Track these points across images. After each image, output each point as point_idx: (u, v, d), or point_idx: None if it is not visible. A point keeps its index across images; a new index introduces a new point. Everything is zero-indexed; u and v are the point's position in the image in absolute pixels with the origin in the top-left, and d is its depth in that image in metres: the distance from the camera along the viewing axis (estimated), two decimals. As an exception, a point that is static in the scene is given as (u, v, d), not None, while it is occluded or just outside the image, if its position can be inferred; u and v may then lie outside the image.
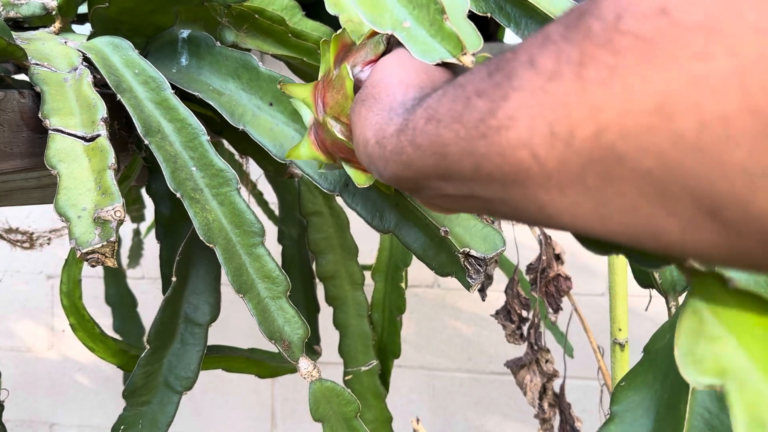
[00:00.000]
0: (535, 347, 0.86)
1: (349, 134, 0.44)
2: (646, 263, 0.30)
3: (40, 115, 0.46)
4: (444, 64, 0.40)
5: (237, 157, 0.99)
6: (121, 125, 0.56)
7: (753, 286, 0.25)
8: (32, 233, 1.08)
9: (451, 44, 0.40)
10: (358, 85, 0.43)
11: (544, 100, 0.22)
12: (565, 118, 0.22)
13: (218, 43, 0.57)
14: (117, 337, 1.05)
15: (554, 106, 0.22)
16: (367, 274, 0.82)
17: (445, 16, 0.41)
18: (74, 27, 0.67)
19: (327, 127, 0.44)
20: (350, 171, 0.46)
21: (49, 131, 0.46)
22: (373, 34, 0.44)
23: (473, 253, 0.47)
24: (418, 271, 0.53)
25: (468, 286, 0.48)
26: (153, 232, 1.12)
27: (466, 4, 0.44)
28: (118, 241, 0.44)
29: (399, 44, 0.43)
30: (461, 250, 0.47)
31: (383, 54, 0.42)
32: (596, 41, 0.21)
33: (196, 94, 0.54)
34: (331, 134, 0.44)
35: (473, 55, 0.41)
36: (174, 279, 0.59)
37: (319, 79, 0.47)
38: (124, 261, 1.28)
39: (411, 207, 0.49)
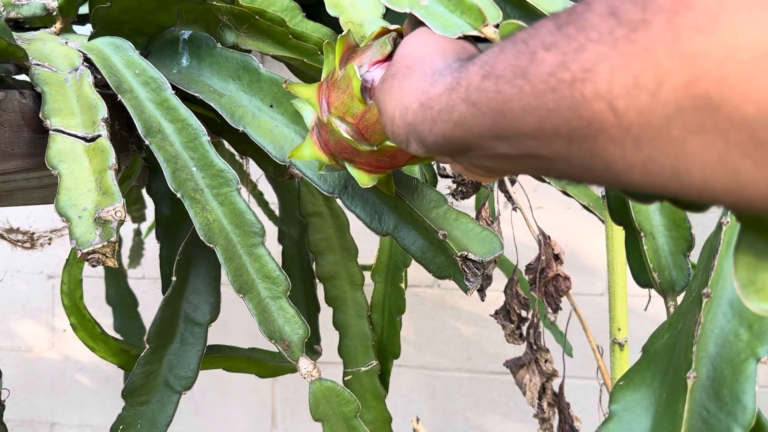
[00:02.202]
0: (535, 347, 0.87)
1: (355, 134, 0.44)
2: (691, 208, 0.31)
3: (40, 116, 0.47)
4: (466, 38, 0.40)
5: (237, 157, 0.99)
6: (121, 126, 0.57)
7: None
8: (33, 233, 1.09)
9: (472, 17, 0.40)
10: (365, 85, 0.43)
11: (629, 50, 0.22)
12: (653, 67, 0.21)
13: (219, 45, 0.57)
14: (118, 336, 1.05)
15: (641, 55, 0.22)
16: (367, 274, 0.82)
17: None
18: (75, 27, 0.67)
19: (332, 126, 0.44)
20: (353, 171, 0.46)
21: (50, 131, 0.46)
22: (380, 34, 0.45)
23: (471, 256, 0.48)
24: (417, 271, 0.53)
25: (465, 289, 0.48)
26: (154, 232, 1.12)
27: None
28: (119, 241, 0.44)
29: (416, 26, 0.43)
30: (459, 254, 0.47)
31: (390, 54, 0.43)
32: None
33: (196, 95, 0.54)
34: (336, 134, 0.44)
35: (495, 26, 0.41)
36: (174, 279, 0.59)
37: (322, 80, 0.47)
38: (125, 261, 1.28)
39: (409, 210, 0.50)
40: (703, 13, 0.20)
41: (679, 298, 0.51)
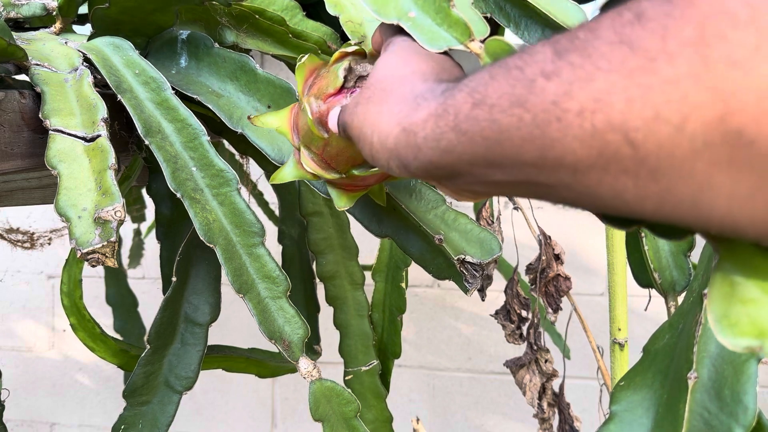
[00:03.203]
0: (535, 347, 0.87)
1: (322, 163, 0.44)
2: (672, 235, 0.30)
3: (40, 116, 0.47)
4: (447, 55, 0.40)
5: (237, 157, 0.99)
6: (121, 125, 0.57)
7: None
8: (33, 233, 1.08)
9: (459, 31, 0.40)
10: (321, 120, 0.43)
11: (648, 81, 0.21)
12: (678, 101, 0.21)
13: (216, 45, 0.57)
14: (117, 337, 1.05)
15: (663, 88, 0.21)
16: (368, 274, 0.82)
17: (451, 2, 0.40)
18: (75, 27, 0.67)
19: (302, 156, 0.45)
20: (332, 192, 0.46)
21: (50, 131, 0.46)
22: (338, 59, 0.44)
23: (469, 258, 0.47)
24: (418, 271, 0.53)
25: (465, 290, 0.48)
26: (154, 232, 1.12)
27: None
28: (119, 241, 0.44)
29: (388, 35, 0.42)
30: (456, 258, 0.47)
31: (341, 87, 0.42)
32: (729, 19, 0.20)
33: (194, 96, 0.54)
34: (305, 163, 0.45)
35: (481, 41, 0.40)
36: (174, 279, 0.59)
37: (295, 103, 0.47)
38: (125, 261, 1.28)
39: (407, 212, 0.50)
40: (738, 47, 0.19)
41: (680, 299, 0.51)
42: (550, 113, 0.24)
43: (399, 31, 0.41)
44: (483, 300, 0.91)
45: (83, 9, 0.64)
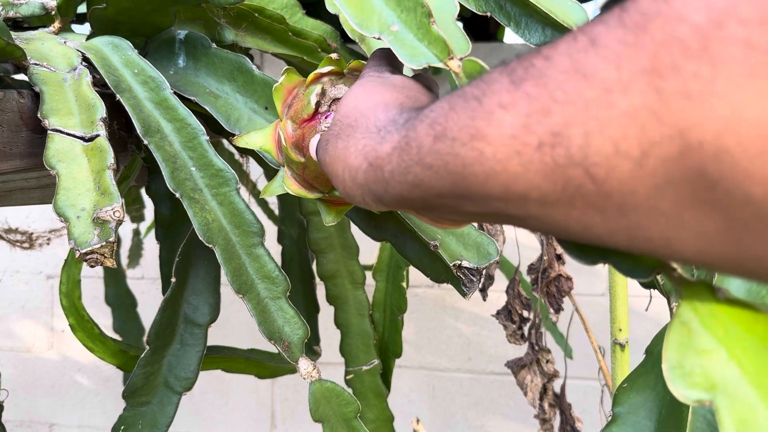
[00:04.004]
0: (536, 347, 0.86)
1: (304, 182, 0.45)
2: (636, 273, 0.29)
3: (39, 115, 0.46)
4: (416, 81, 0.39)
5: (237, 156, 0.99)
6: (120, 125, 0.56)
7: (744, 295, 0.24)
8: (32, 233, 1.08)
9: (438, 48, 0.39)
10: (297, 144, 0.43)
11: (604, 114, 0.20)
12: (636, 135, 0.19)
13: (214, 45, 0.57)
14: (116, 337, 1.05)
15: (620, 121, 0.20)
16: (368, 273, 0.81)
17: (431, 19, 0.40)
18: (74, 27, 0.67)
19: (285, 176, 0.45)
20: (319, 206, 0.46)
21: (48, 131, 0.46)
22: (313, 80, 0.44)
23: (465, 264, 0.47)
24: (418, 271, 0.53)
25: (464, 294, 0.48)
26: (153, 232, 1.12)
27: (455, 8, 0.44)
28: (118, 241, 0.44)
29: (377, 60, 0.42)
30: (453, 263, 0.47)
31: (314, 113, 0.42)
32: (681, 48, 0.18)
33: (192, 98, 0.54)
34: (287, 183, 0.45)
35: (460, 59, 0.40)
36: (174, 279, 0.59)
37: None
38: (124, 261, 1.28)
39: (403, 218, 0.49)
40: (692, 79, 0.18)
41: (682, 299, 0.51)
42: (510, 147, 0.23)
43: (376, 65, 0.41)
44: (484, 300, 0.91)
45: (82, 8, 0.64)
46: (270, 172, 0.72)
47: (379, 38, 0.41)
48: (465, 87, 0.26)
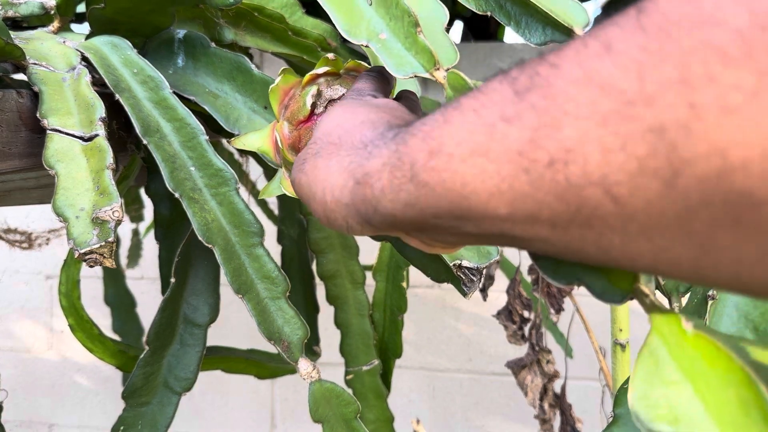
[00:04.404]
0: (537, 348, 0.86)
1: None
2: (609, 297, 0.28)
3: (38, 115, 0.46)
4: (402, 99, 0.38)
5: (236, 156, 0.99)
6: (119, 125, 0.56)
7: (707, 331, 0.24)
8: (31, 233, 1.08)
9: (425, 58, 0.39)
10: (293, 146, 0.43)
11: (626, 129, 0.18)
12: (666, 152, 0.17)
13: (213, 44, 0.56)
14: (116, 337, 1.05)
15: (645, 137, 0.18)
16: (368, 273, 0.81)
17: (418, 29, 0.40)
18: (73, 26, 0.66)
19: (282, 176, 0.45)
20: None
21: (48, 131, 0.45)
22: (309, 81, 0.44)
23: (465, 263, 0.47)
24: (418, 271, 0.53)
25: (464, 294, 0.48)
26: (152, 232, 1.12)
27: (444, 16, 0.44)
28: (117, 241, 0.44)
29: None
30: (453, 263, 0.47)
31: (311, 114, 0.42)
32: (718, 56, 0.16)
33: (191, 98, 0.54)
34: (286, 185, 0.45)
35: (446, 70, 0.39)
36: (173, 279, 0.59)
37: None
38: (123, 261, 1.28)
39: None
40: (733, 91, 0.16)
41: (684, 300, 0.51)
42: (516, 164, 0.21)
43: (357, 90, 0.39)
44: (485, 300, 0.91)
45: (81, 8, 0.64)
46: (269, 172, 0.72)
47: (366, 46, 0.40)
48: (461, 98, 0.23)
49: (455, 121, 0.23)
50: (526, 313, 0.87)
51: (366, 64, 0.44)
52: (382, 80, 0.41)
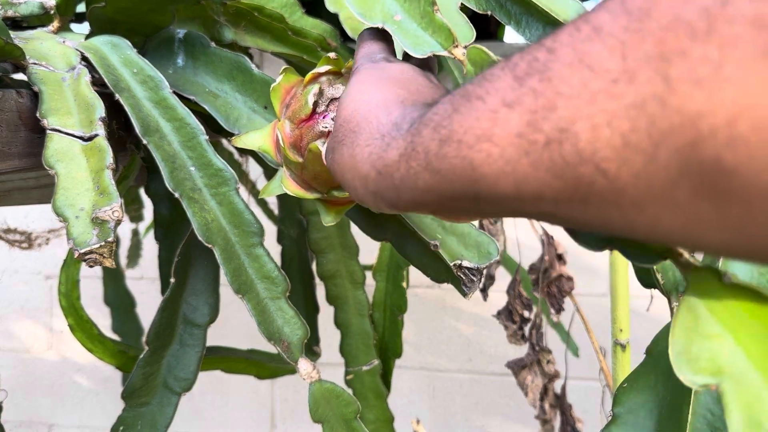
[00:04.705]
0: (537, 348, 0.86)
1: (302, 183, 0.44)
2: (643, 260, 0.29)
3: (38, 115, 0.46)
4: (414, 66, 0.39)
5: (236, 156, 0.99)
6: (119, 125, 0.56)
7: (750, 280, 0.24)
8: (31, 233, 1.08)
9: (443, 36, 0.40)
10: (295, 145, 0.43)
11: (611, 106, 0.19)
12: (645, 126, 0.18)
13: (213, 44, 0.56)
14: (116, 337, 1.05)
15: (627, 112, 0.19)
16: (368, 273, 0.81)
17: (435, 7, 0.40)
18: (73, 26, 0.66)
19: (283, 176, 0.45)
20: (318, 207, 0.46)
21: (47, 131, 0.45)
22: (311, 79, 0.44)
23: (466, 264, 0.47)
24: (418, 271, 0.53)
25: (464, 294, 0.48)
26: (152, 232, 1.12)
27: None
28: (117, 241, 0.44)
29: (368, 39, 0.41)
30: (453, 263, 0.47)
31: (312, 113, 0.42)
32: (687, 31, 0.17)
33: (191, 97, 0.54)
34: (286, 184, 0.45)
35: (465, 47, 0.40)
36: (173, 279, 0.59)
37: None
38: (123, 261, 1.28)
39: (403, 217, 0.49)
40: (700, 63, 0.17)
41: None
42: (518, 147, 0.22)
43: (368, 53, 0.40)
44: (485, 300, 0.90)
45: (81, 8, 0.64)
46: (269, 172, 0.72)
47: (382, 28, 0.41)
48: (467, 86, 0.25)
49: (463, 109, 0.24)
50: (526, 313, 0.87)
51: None
52: (387, 35, 0.42)
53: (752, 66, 0.16)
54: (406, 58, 0.43)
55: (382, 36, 0.42)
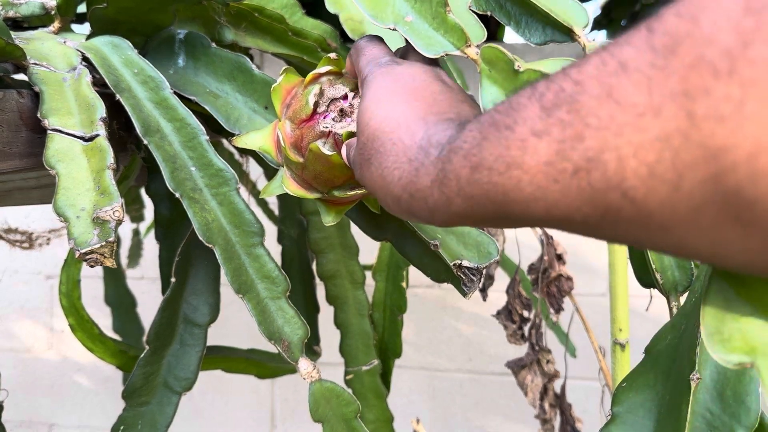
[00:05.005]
0: (537, 348, 0.86)
1: (303, 182, 0.45)
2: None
3: (38, 115, 0.46)
4: (425, 66, 0.39)
5: (236, 156, 0.99)
6: (120, 125, 0.56)
7: None
8: (31, 233, 1.08)
9: (455, 36, 0.40)
10: (296, 145, 0.43)
11: (638, 138, 0.20)
12: (671, 158, 0.20)
13: (213, 44, 0.57)
14: (116, 337, 1.05)
15: (653, 145, 0.20)
16: (368, 273, 0.81)
17: (447, 8, 0.40)
18: (73, 26, 0.66)
19: (284, 176, 0.45)
20: (319, 206, 0.46)
21: (48, 131, 0.45)
22: (311, 80, 0.44)
23: (465, 263, 0.47)
24: (418, 271, 0.53)
25: (464, 294, 0.48)
26: (152, 232, 1.12)
27: None
28: (117, 241, 0.44)
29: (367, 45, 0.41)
30: (453, 263, 0.47)
31: (313, 113, 0.42)
32: (711, 71, 0.18)
33: (191, 98, 0.54)
34: (286, 184, 0.45)
35: (477, 46, 0.40)
36: (173, 279, 0.59)
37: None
38: (124, 261, 1.28)
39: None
40: (723, 101, 0.18)
41: (682, 299, 0.51)
42: (548, 175, 0.23)
43: (375, 56, 0.40)
44: (484, 300, 0.91)
45: (82, 8, 0.64)
46: (270, 172, 0.72)
47: (394, 29, 0.41)
48: (495, 114, 0.26)
49: (492, 137, 0.26)
50: (525, 313, 0.87)
51: None
52: (381, 39, 0.42)
53: None
54: (406, 50, 0.43)
55: (378, 40, 0.42)
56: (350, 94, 0.43)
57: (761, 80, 0.18)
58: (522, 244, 0.98)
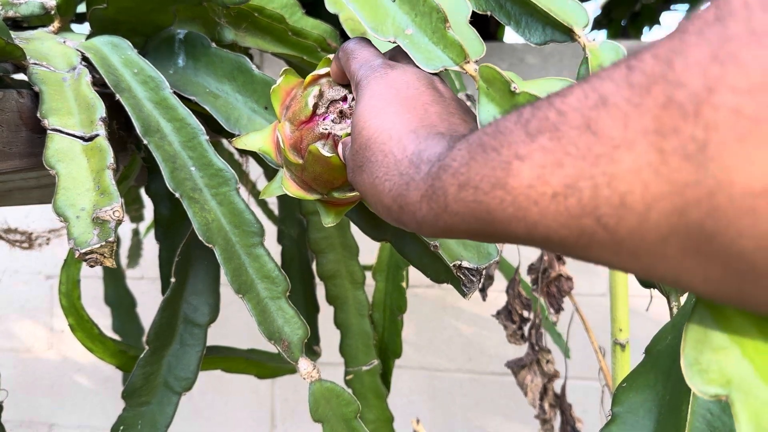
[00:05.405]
0: (536, 347, 0.86)
1: (302, 183, 0.45)
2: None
3: (38, 115, 0.46)
4: (425, 80, 0.39)
5: (236, 156, 0.99)
6: (120, 125, 0.56)
7: None
8: (31, 233, 1.08)
9: (454, 52, 0.40)
10: (295, 146, 0.43)
11: (611, 169, 0.21)
12: (640, 190, 0.21)
13: (213, 44, 0.56)
14: (116, 337, 1.05)
15: (625, 177, 0.21)
16: (368, 273, 0.81)
17: (447, 24, 0.40)
18: (73, 26, 0.66)
19: (284, 177, 0.45)
20: (318, 207, 0.46)
21: (48, 131, 0.45)
22: (311, 82, 0.44)
23: (465, 264, 0.47)
24: (418, 271, 0.53)
25: (464, 295, 0.48)
26: (152, 232, 1.12)
27: (468, 10, 0.44)
28: (117, 241, 0.44)
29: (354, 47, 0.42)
30: (452, 264, 0.47)
31: (312, 115, 0.42)
32: (680, 112, 0.20)
33: (191, 98, 0.54)
34: (286, 185, 0.45)
35: (476, 62, 0.40)
36: (173, 279, 0.59)
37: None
38: (124, 261, 1.28)
39: None
40: (689, 141, 0.20)
41: (683, 299, 0.51)
42: (528, 197, 0.24)
43: (368, 59, 0.40)
44: (484, 300, 0.91)
45: (81, 8, 0.64)
46: (270, 172, 0.72)
47: (393, 42, 0.41)
48: (482, 136, 0.27)
49: (479, 158, 0.27)
50: (525, 313, 0.87)
51: None
52: (369, 41, 0.43)
53: (731, 148, 0.19)
54: (395, 52, 0.43)
55: (366, 42, 0.42)
56: (350, 96, 0.43)
57: (722, 125, 0.19)
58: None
